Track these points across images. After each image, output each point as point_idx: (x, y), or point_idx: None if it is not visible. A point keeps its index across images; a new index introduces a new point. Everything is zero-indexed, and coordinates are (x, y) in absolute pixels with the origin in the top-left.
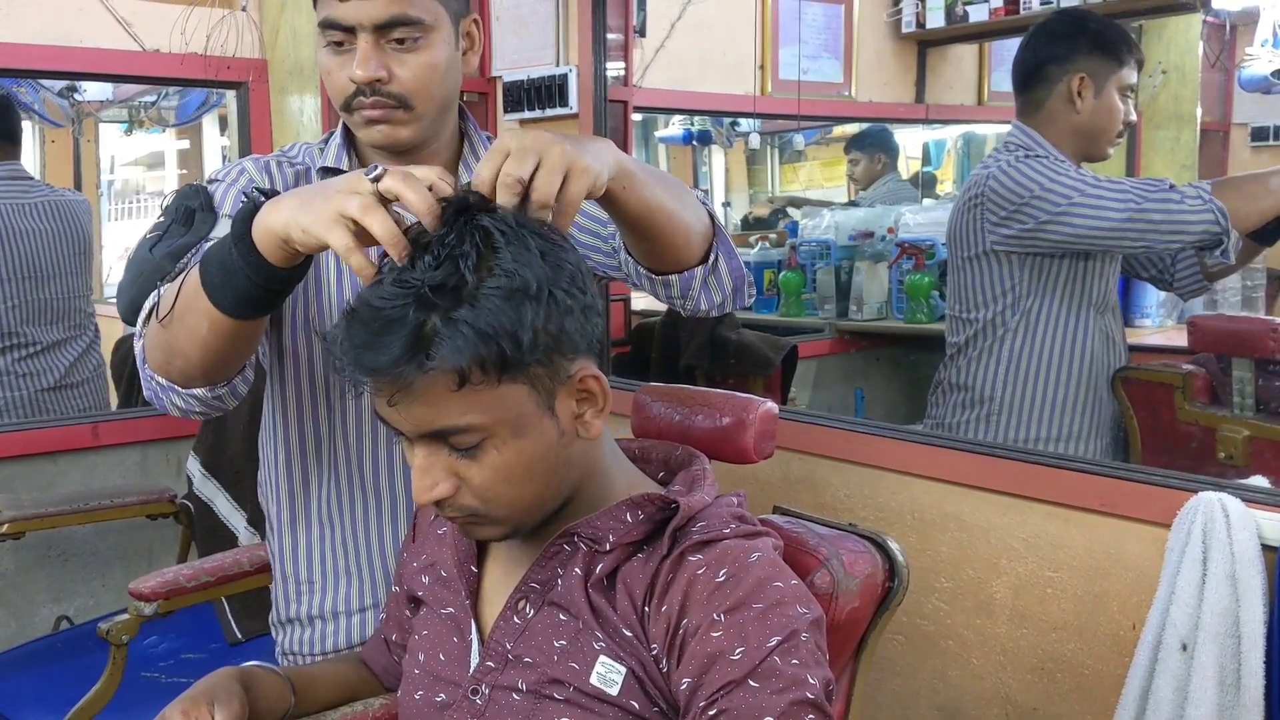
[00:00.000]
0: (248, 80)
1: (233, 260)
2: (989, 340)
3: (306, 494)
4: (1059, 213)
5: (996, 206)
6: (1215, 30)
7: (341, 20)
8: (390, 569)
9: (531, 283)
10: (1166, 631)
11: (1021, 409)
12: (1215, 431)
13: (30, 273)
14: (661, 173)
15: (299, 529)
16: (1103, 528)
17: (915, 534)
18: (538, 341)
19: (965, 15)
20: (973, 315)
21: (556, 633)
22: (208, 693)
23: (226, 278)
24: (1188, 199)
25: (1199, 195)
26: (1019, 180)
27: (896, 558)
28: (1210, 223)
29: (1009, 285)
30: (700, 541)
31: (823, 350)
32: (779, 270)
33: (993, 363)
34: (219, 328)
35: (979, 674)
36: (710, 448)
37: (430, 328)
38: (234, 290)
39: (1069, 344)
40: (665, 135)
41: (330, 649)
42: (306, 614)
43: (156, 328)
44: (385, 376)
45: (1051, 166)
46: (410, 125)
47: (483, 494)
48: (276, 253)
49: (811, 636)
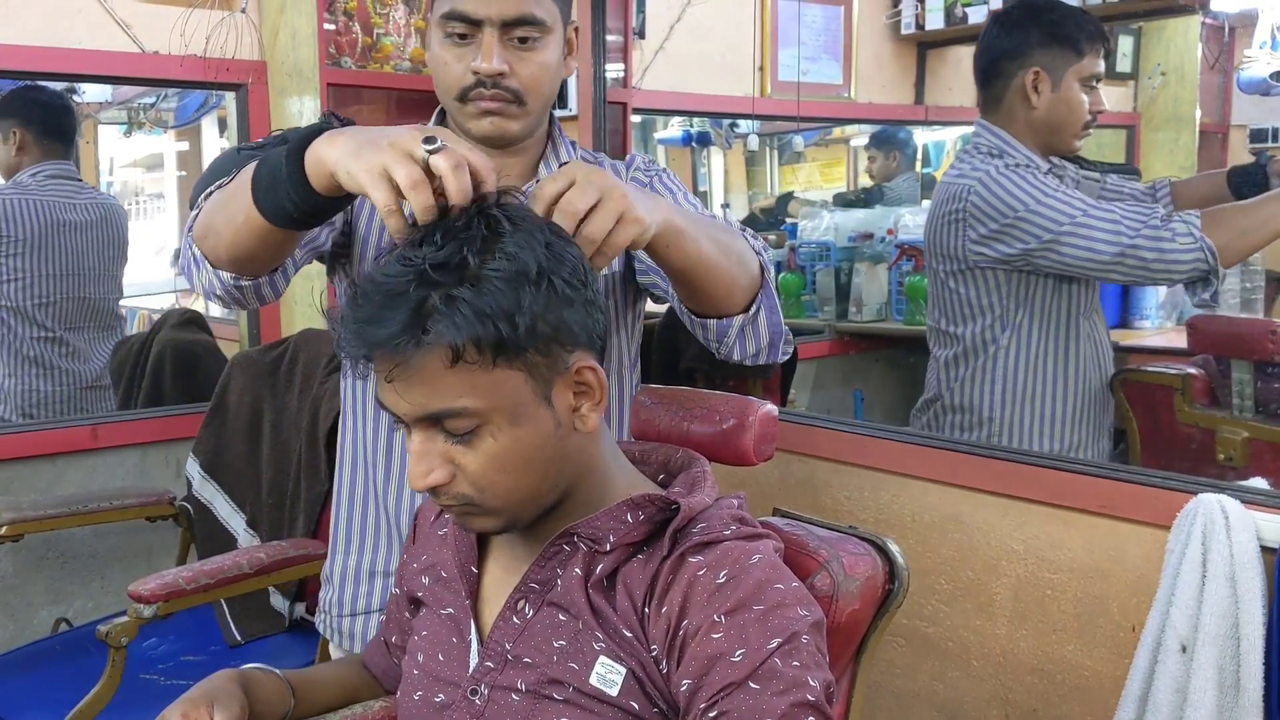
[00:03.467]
0: (247, 82)
1: (281, 172)
2: (982, 359)
3: (369, 452)
4: (1049, 240)
5: (978, 222)
6: (1214, 32)
7: (470, 14)
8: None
9: (532, 269)
10: (1166, 633)
11: (1024, 427)
12: (1215, 433)
13: (74, 271)
14: (714, 222)
15: (356, 484)
16: (1102, 529)
17: (915, 536)
18: (535, 327)
19: (965, 17)
20: (958, 330)
21: (556, 633)
22: (208, 695)
23: (272, 184)
24: (1179, 236)
25: (1190, 233)
26: (1003, 196)
27: (896, 560)
28: (1199, 261)
29: (995, 300)
30: (701, 543)
31: (822, 352)
32: (778, 272)
33: (989, 383)
34: (252, 224)
35: (979, 675)
36: (710, 450)
37: (430, 304)
38: (274, 198)
39: (1063, 356)
40: (664, 137)
41: (363, 609)
42: (344, 572)
43: (216, 198)
44: (384, 349)
45: (1037, 182)
46: (520, 120)
47: (478, 482)
48: (321, 180)
49: (812, 638)
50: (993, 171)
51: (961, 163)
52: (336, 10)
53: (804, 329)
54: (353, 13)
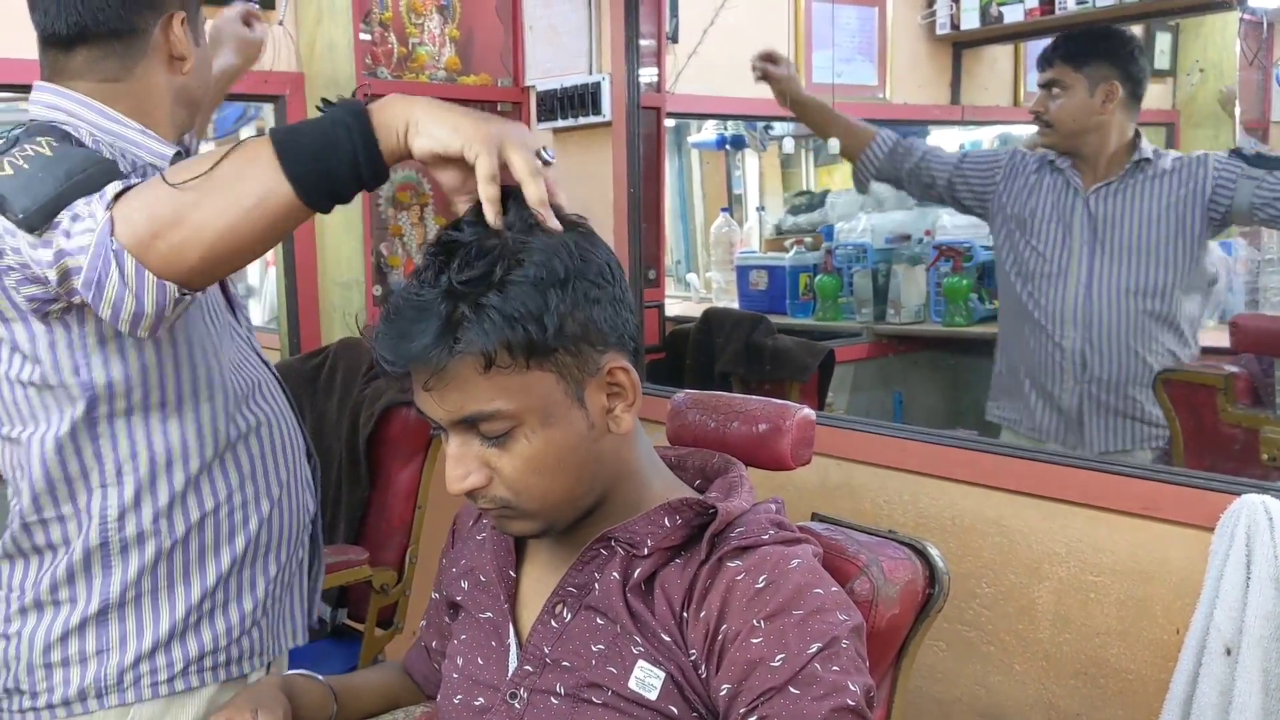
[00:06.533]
0: (285, 94)
1: (338, 132)
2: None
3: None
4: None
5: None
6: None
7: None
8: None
9: (559, 271)
10: (1210, 636)
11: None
12: (1258, 433)
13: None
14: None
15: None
16: (1145, 531)
17: (955, 539)
18: (564, 328)
19: (1000, 16)
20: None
21: (594, 637)
22: (252, 700)
23: (325, 148)
24: None
25: None
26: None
27: (937, 564)
28: None
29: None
30: (739, 547)
31: (860, 354)
32: (815, 274)
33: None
34: (269, 206)
35: (1021, 680)
36: (747, 454)
37: (460, 314)
38: (328, 163)
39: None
40: (698, 140)
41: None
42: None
43: (158, 189)
44: (419, 362)
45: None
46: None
47: (513, 484)
48: (390, 140)
49: (852, 643)
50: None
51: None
52: (372, 21)
53: (841, 331)
54: (388, 23)
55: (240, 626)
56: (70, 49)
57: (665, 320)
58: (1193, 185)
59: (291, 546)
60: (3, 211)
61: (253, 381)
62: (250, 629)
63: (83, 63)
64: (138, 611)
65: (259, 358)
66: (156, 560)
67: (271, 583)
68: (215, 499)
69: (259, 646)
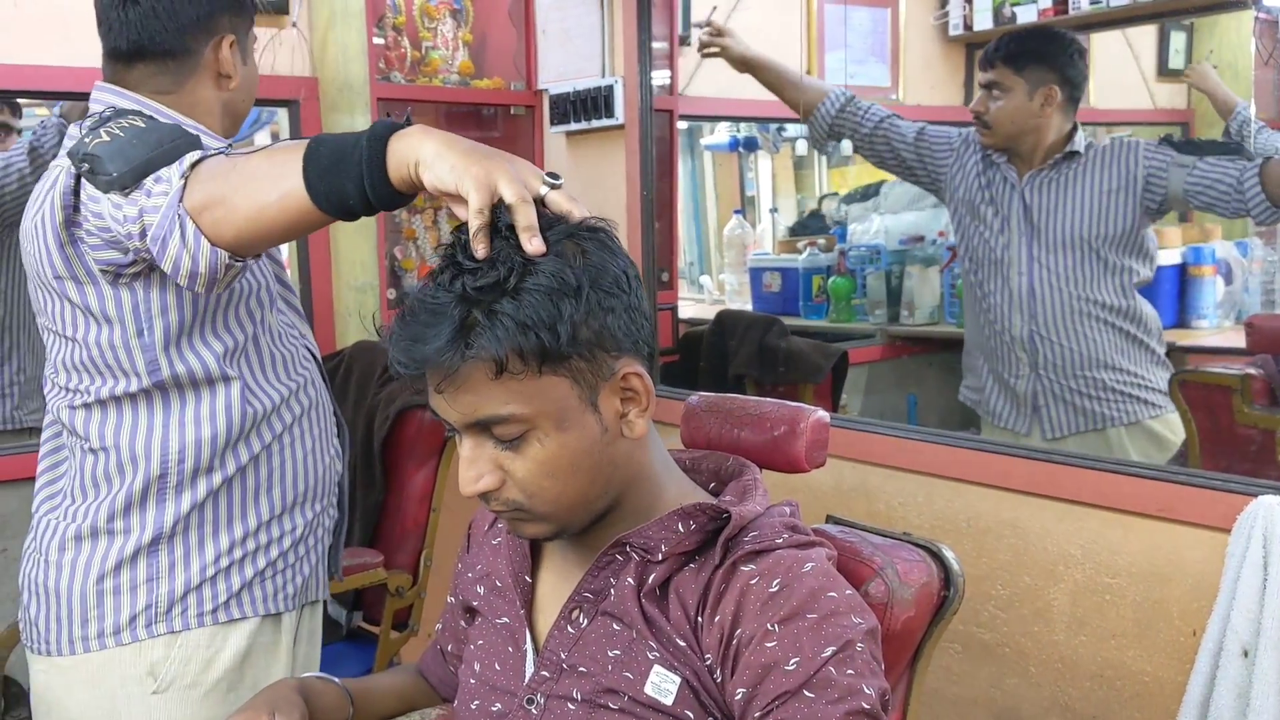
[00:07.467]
0: (299, 98)
1: (355, 155)
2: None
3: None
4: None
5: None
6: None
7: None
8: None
9: (572, 280)
10: (1227, 638)
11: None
12: (1274, 434)
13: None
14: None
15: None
16: (1161, 533)
17: (970, 541)
18: (577, 335)
19: (1013, 17)
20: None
21: (610, 642)
22: (269, 702)
23: (336, 165)
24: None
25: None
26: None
27: (952, 566)
28: None
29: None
30: (753, 551)
31: (874, 356)
32: (828, 276)
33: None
34: (288, 206)
35: (1037, 682)
36: (761, 457)
37: (473, 319)
38: (335, 181)
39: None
40: (711, 143)
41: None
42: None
43: (226, 171)
44: (432, 364)
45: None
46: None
47: (526, 487)
48: (399, 171)
49: (867, 646)
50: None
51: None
52: (385, 25)
53: (855, 333)
54: (401, 27)
55: (278, 566)
56: (130, 63)
57: (679, 322)
58: (1124, 173)
59: (324, 502)
60: (93, 174)
61: (296, 348)
62: (286, 570)
63: (139, 75)
64: (185, 542)
65: (299, 329)
66: (207, 496)
67: (308, 529)
68: (262, 443)
69: (295, 588)
